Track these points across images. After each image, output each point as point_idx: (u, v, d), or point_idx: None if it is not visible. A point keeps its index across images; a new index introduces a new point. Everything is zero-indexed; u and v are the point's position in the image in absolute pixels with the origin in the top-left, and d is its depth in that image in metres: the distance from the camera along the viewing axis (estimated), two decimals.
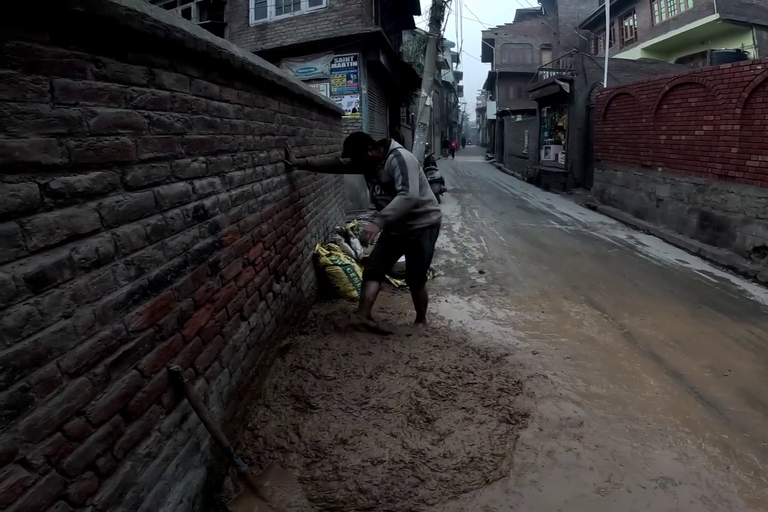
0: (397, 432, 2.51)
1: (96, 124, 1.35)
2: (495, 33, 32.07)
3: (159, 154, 1.68)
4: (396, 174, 3.41)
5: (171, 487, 1.71)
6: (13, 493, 1.04)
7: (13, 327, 1.07)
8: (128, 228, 1.49)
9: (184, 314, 1.84)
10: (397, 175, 3.40)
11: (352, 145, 3.50)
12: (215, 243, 2.16)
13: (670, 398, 2.98)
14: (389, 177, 3.47)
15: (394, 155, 3.48)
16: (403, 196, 3.35)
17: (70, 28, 1.24)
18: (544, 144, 17.21)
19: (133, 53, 1.54)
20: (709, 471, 2.33)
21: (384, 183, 3.56)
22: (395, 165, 3.43)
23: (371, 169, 3.60)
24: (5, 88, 1.06)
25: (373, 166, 3.56)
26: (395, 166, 3.43)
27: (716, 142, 6.80)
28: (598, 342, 3.79)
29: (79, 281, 1.27)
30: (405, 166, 3.42)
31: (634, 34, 20.87)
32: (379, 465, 2.27)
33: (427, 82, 9.95)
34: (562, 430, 2.63)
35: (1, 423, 1.02)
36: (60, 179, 1.21)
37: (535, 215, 10.22)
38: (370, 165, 3.56)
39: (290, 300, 3.54)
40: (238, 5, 11.58)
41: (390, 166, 3.45)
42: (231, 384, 2.33)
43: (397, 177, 3.40)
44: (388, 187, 3.51)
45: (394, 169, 3.42)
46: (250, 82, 2.64)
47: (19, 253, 1.10)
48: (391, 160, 3.46)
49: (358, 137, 3.58)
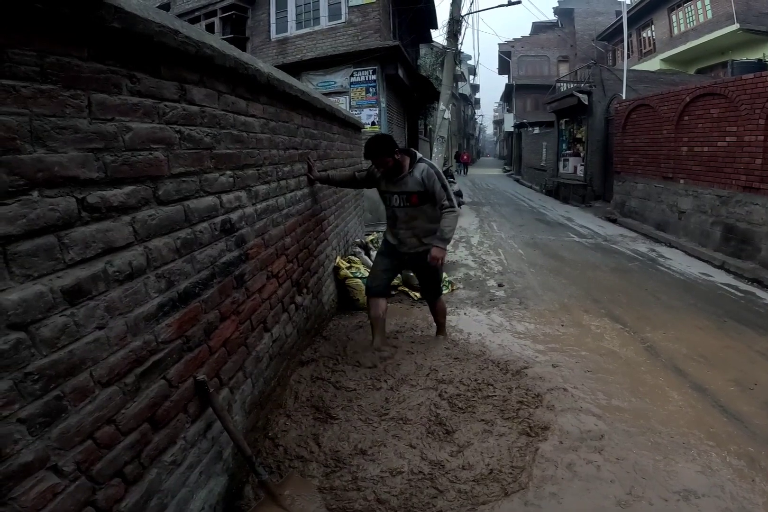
0: (416, 444, 2.51)
1: (131, 139, 1.39)
2: (512, 46, 32.18)
3: (189, 168, 1.72)
4: (437, 187, 3.28)
5: (194, 494, 1.73)
6: (43, 499, 1.06)
7: (50, 338, 1.10)
8: (159, 241, 1.53)
9: (211, 325, 1.87)
10: (438, 188, 3.28)
11: (380, 146, 3.24)
12: (241, 256, 2.20)
13: (694, 412, 2.93)
14: (421, 187, 3.31)
15: (428, 165, 3.36)
16: (454, 213, 3.31)
17: (106, 44, 1.29)
18: (563, 156, 17.14)
19: (166, 69, 1.59)
20: (734, 483, 2.28)
21: (409, 192, 3.36)
22: (433, 176, 3.29)
23: (393, 176, 3.39)
24: (46, 104, 1.10)
25: (396, 174, 3.37)
26: (433, 177, 3.29)
27: (740, 153, 6.71)
28: (620, 355, 3.73)
29: (113, 293, 1.30)
30: (444, 179, 3.34)
31: (652, 45, 20.78)
32: (398, 475, 2.28)
33: (445, 95, 10.02)
34: (582, 443, 2.60)
35: (35, 431, 1.05)
36: (96, 193, 1.25)
37: (554, 228, 10.15)
38: (393, 171, 3.36)
39: (311, 312, 3.57)
40: (260, 20, 11.85)
41: (425, 176, 3.29)
42: (254, 394, 2.36)
43: (439, 190, 3.28)
44: (416, 197, 3.36)
45: (432, 181, 3.28)
46: (274, 96, 2.69)
47: (57, 265, 1.13)
48: (427, 170, 3.31)
49: (385, 138, 3.37)
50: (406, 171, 3.36)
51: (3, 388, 0.98)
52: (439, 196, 3.30)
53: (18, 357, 1.02)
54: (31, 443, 1.04)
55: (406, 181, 3.36)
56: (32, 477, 1.04)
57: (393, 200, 3.46)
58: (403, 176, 3.37)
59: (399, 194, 3.41)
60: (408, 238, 3.50)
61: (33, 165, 1.06)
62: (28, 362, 1.04)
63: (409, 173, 3.34)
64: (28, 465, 1.03)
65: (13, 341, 1.00)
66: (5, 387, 0.98)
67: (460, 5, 10.08)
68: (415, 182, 3.32)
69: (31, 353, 1.05)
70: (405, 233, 3.49)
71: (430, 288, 3.81)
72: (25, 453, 1.02)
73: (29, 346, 1.05)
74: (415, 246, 3.50)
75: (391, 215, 3.55)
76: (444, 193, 3.29)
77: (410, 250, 3.52)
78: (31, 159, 1.05)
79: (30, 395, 1.04)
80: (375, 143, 3.25)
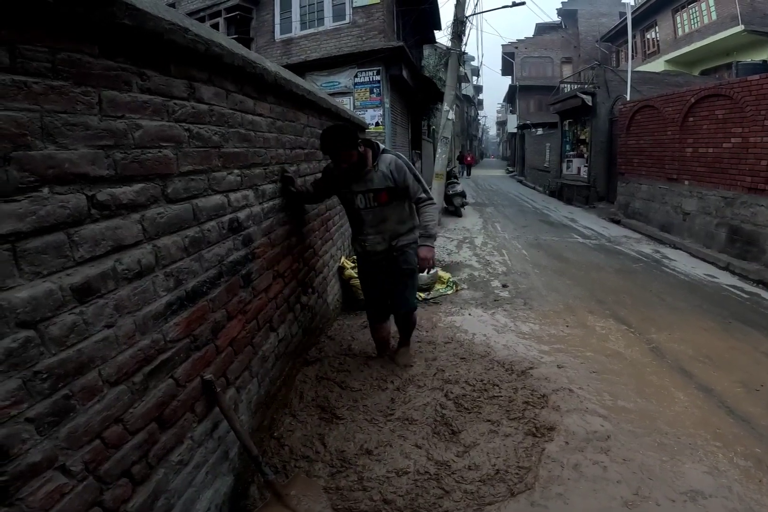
0: (422, 444, 2.51)
1: (140, 137, 1.39)
2: (515, 47, 32.17)
3: (197, 166, 1.72)
4: (409, 179, 2.90)
5: (200, 494, 1.73)
6: (51, 500, 1.06)
7: (59, 336, 1.09)
8: (168, 240, 1.52)
9: (218, 325, 1.87)
10: (411, 180, 2.91)
11: (341, 136, 2.73)
12: (248, 255, 2.19)
13: (700, 413, 2.92)
14: (390, 182, 2.89)
15: (394, 156, 2.95)
16: (433, 205, 2.99)
17: (117, 41, 1.28)
18: (566, 157, 17.12)
19: (176, 67, 1.59)
20: (741, 484, 2.27)
21: (376, 190, 2.91)
22: (403, 168, 2.90)
23: (355, 173, 2.89)
24: (57, 100, 1.09)
25: (358, 170, 2.88)
26: (403, 169, 2.90)
27: (745, 154, 6.68)
28: (625, 356, 3.71)
29: (122, 292, 1.30)
30: (414, 169, 2.97)
31: (656, 46, 20.76)
32: (404, 476, 2.28)
33: (449, 95, 10.00)
34: (588, 444, 2.59)
35: (43, 430, 1.05)
36: (106, 191, 1.25)
37: (558, 229, 10.13)
38: (356, 167, 2.85)
39: (316, 311, 3.56)
40: (264, 21, 11.86)
41: (393, 169, 2.88)
42: (260, 394, 2.35)
43: (412, 183, 2.92)
44: (385, 194, 2.92)
45: (402, 173, 2.89)
46: (281, 96, 2.69)
47: (66, 263, 1.13)
48: (395, 162, 2.91)
49: (346, 127, 2.84)
50: (370, 165, 2.91)
51: (11, 387, 0.97)
52: (413, 189, 2.96)
53: (27, 356, 1.01)
54: (39, 443, 1.03)
55: (371, 177, 2.91)
56: (40, 477, 1.03)
57: (357, 201, 2.98)
58: (367, 172, 2.90)
59: (364, 193, 2.94)
60: (377, 244, 3.04)
61: (43, 161, 1.05)
62: (37, 360, 1.04)
63: (374, 167, 2.90)
64: (36, 465, 1.02)
65: (22, 339, 1.00)
66: (14, 386, 0.98)
67: (464, 6, 10.06)
68: (383, 177, 2.90)
69: (39, 351, 1.04)
70: (374, 238, 3.02)
71: (401, 297, 3.20)
72: (33, 452, 1.01)
73: (38, 345, 1.04)
74: (384, 250, 3.05)
75: (356, 219, 3.06)
76: (418, 185, 2.96)
77: (379, 255, 3.08)
78: (41, 155, 1.05)
79: (38, 394, 1.04)
80: (335, 133, 2.74)
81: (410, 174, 2.91)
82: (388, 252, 3.04)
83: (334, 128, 2.79)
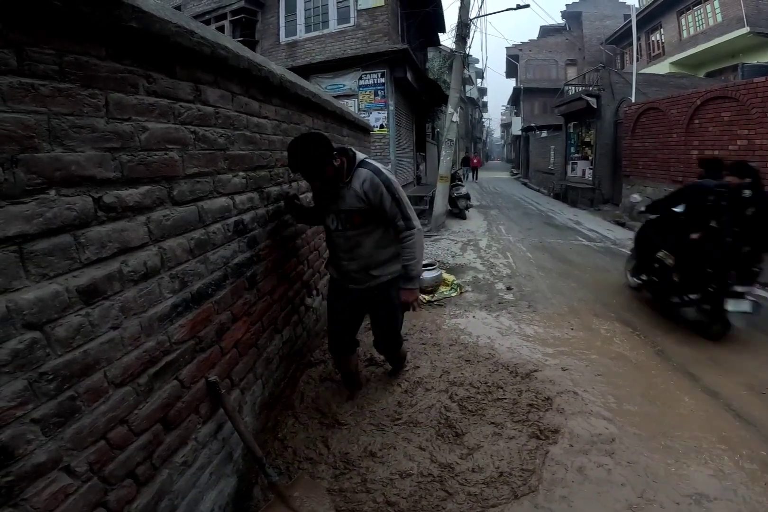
0: (426, 446, 2.50)
1: (146, 139, 1.39)
2: (519, 49, 32.17)
3: (203, 169, 1.72)
4: (386, 202, 2.32)
5: (204, 495, 1.73)
6: (55, 500, 1.06)
7: (65, 338, 1.10)
8: (174, 242, 1.53)
9: (223, 326, 1.87)
10: (388, 203, 2.33)
11: (312, 151, 2.15)
12: (253, 257, 2.20)
13: (706, 415, 2.90)
14: (363, 203, 2.34)
15: (371, 171, 2.34)
16: (412, 237, 2.41)
17: (124, 43, 1.29)
18: (571, 159, 17.08)
19: (182, 69, 1.60)
20: (747, 487, 2.26)
21: (348, 211, 2.38)
22: (379, 187, 2.31)
23: (328, 189, 2.37)
24: (64, 102, 1.10)
25: (331, 185, 2.34)
26: (380, 188, 2.31)
27: (751, 156, 6.65)
28: (630, 359, 3.69)
29: (128, 293, 1.30)
30: (396, 188, 2.37)
31: (661, 48, 20.70)
32: (407, 478, 2.27)
33: (453, 98, 10.00)
34: (593, 446, 2.58)
35: (48, 431, 1.05)
36: (113, 193, 1.25)
37: (563, 231, 10.09)
38: (332, 183, 2.33)
39: (321, 313, 3.57)
40: (269, 23, 11.90)
41: (367, 189, 2.31)
42: (264, 395, 2.36)
43: (390, 206, 2.34)
44: (358, 216, 2.39)
45: (378, 194, 2.31)
46: (286, 98, 2.70)
47: (73, 265, 1.13)
48: (370, 179, 2.31)
49: (317, 137, 2.23)
50: (343, 180, 2.36)
51: (17, 388, 0.98)
52: (391, 213, 2.36)
53: (33, 357, 1.02)
54: (44, 443, 1.04)
55: (344, 195, 2.37)
56: (45, 477, 1.04)
57: (329, 222, 2.49)
58: (340, 188, 2.36)
59: (336, 214, 2.44)
60: (353, 272, 2.55)
61: (51, 164, 1.06)
62: (43, 362, 1.04)
63: (346, 184, 2.35)
64: (40, 466, 1.03)
65: (28, 340, 1.01)
66: (20, 386, 0.98)
67: (468, 9, 10.07)
68: (355, 197, 2.35)
69: (46, 353, 1.05)
70: (349, 265, 2.54)
71: (386, 338, 2.84)
72: (38, 453, 1.02)
73: (44, 346, 1.05)
74: (363, 280, 2.57)
75: (330, 242, 2.60)
76: (397, 210, 2.35)
77: (359, 285, 2.59)
78: (48, 157, 1.05)
79: (44, 395, 1.04)
80: (305, 147, 2.16)
81: (388, 195, 2.32)
82: (364, 283, 2.57)
83: (303, 140, 2.20)
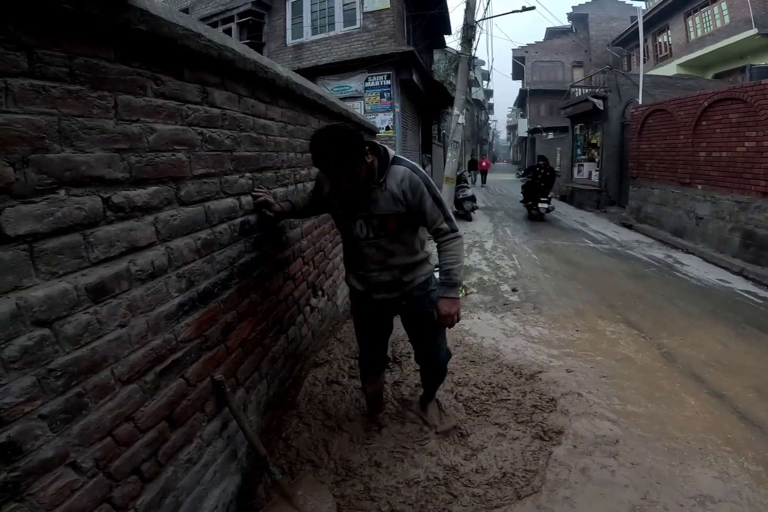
0: (436, 451, 2.50)
1: (155, 141, 1.41)
2: (525, 51, 32.12)
3: (210, 170, 1.74)
4: (426, 202, 2.06)
5: (208, 493, 1.74)
6: (61, 495, 1.08)
7: (73, 335, 1.12)
8: (181, 241, 1.55)
9: (229, 326, 1.89)
10: (429, 204, 2.06)
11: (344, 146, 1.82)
12: (259, 257, 2.22)
13: (712, 417, 2.89)
14: (401, 205, 2.06)
15: (409, 169, 2.06)
16: (459, 239, 2.17)
17: (132, 46, 1.31)
18: (577, 161, 17.02)
19: (189, 72, 1.61)
20: (752, 489, 2.26)
21: (383, 216, 2.08)
22: (419, 185, 2.04)
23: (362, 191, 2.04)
24: (74, 104, 1.12)
25: (364, 187, 2.02)
26: (420, 187, 2.04)
27: (759, 158, 6.61)
28: (635, 361, 3.69)
29: (135, 292, 1.32)
30: (434, 187, 2.11)
31: (668, 50, 20.62)
32: (414, 485, 2.25)
33: (459, 100, 10.00)
34: (596, 448, 2.58)
35: (55, 427, 1.07)
36: (121, 193, 1.27)
37: (569, 233, 10.07)
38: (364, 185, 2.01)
39: (326, 314, 3.58)
40: (276, 26, 11.97)
41: (407, 187, 2.03)
42: (269, 394, 2.37)
43: (431, 207, 2.07)
44: (394, 222, 2.10)
45: (419, 193, 2.04)
46: (292, 100, 2.71)
47: (82, 263, 1.15)
48: (409, 177, 2.04)
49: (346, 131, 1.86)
50: (376, 180, 2.05)
51: (26, 384, 0.99)
52: (432, 216, 2.10)
53: (42, 354, 1.03)
54: (51, 439, 1.05)
55: (376, 197, 2.05)
56: (51, 473, 1.05)
57: (356, 229, 2.15)
58: (371, 189, 2.05)
59: (366, 219, 2.11)
60: (383, 283, 2.25)
61: (61, 164, 1.08)
62: (52, 358, 1.06)
63: (381, 184, 2.04)
64: (47, 461, 1.04)
65: (37, 337, 1.02)
66: (28, 383, 1.00)
67: (474, 11, 10.07)
68: (391, 199, 2.05)
69: (54, 350, 1.06)
70: (380, 276, 2.23)
71: (433, 350, 2.50)
72: (45, 449, 1.04)
73: (53, 343, 1.06)
74: (394, 289, 2.27)
75: (354, 251, 2.25)
76: (439, 211, 2.10)
77: (389, 294, 2.28)
78: (59, 158, 1.07)
79: (52, 391, 1.06)
80: (335, 141, 1.82)
81: (429, 195, 2.06)
82: (395, 292, 2.28)
83: (330, 133, 1.86)
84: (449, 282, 2.17)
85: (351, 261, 2.33)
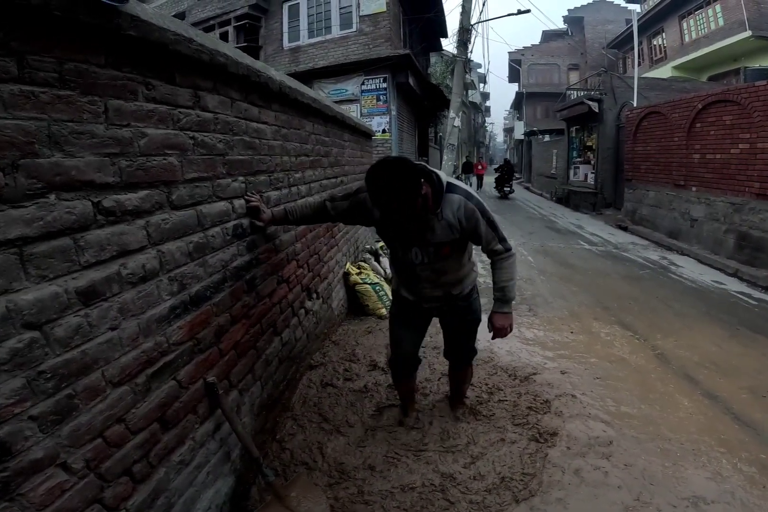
0: (432, 460, 2.48)
1: (146, 145, 1.42)
2: (521, 54, 32.25)
3: (202, 174, 1.75)
4: (481, 227, 2.12)
5: (201, 494, 1.75)
6: (51, 496, 1.08)
7: (63, 338, 1.13)
8: (172, 245, 1.56)
9: (222, 328, 1.90)
10: (484, 228, 2.13)
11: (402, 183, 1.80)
12: (252, 261, 2.22)
13: (705, 419, 2.90)
14: (457, 233, 2.12)
15: (461, 196, 2.09)
16: (513, 257, 2.27)
17: (123, 51, 1.32)
18: (573, 164, 17.09)
19: (181, 76, 1.63)
20: (745, 490, 2.26)
21: (439, 244, 2.16)
22: (474, 213, 2.08)
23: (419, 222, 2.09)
24: (64, 109, 1.13)
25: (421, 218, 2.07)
26: (475, 215, 2.08)
27: (753, 160, 6.65)
28: (630, 363, 3.70)
29: (126, 295, 1.33)
30: (488, 209, 2.15)
31: (663, 52, 20.72)
32: (408, 491, 2.24)
33: (455, 103, 10.06)
34: (590, 449, 2.59)
35: (46, 428, 1.08)
36: (112, 197, 1.28)
37: (564, 235, 10.10)
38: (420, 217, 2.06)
39: (321, 316, 3.59)
40: (273, 29, 12.02)
41: (463, 216, 2.08)
42: (262, 397, 2.37)
43: (486, 232, 2.14)
44: (449, 248, 2.20)
45: (475, 220, 2.09)
46: (286, 104, 2.73)
47: (72, 267, 1.16)
48: (464, 205, 2.07)
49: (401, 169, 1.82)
50: (432, 210, 2.07)
51: (16, 386, 1.00)
52: (487, 237, 2.18)
53: (32, 356, 1.04)
54: (41, 440, 1.06)
55: (433, 226, 2.10)
56: (41, 473, 1.06)
57: (412, 256, 2.24)
58: (428, 220, 2.09)
59: (422, 247, 2.20)
60: (434, 297, 2.43)
61: (51, 169, 1.09)
62: (42, 361, 1.07)
63: (437, 214, 2.07)
64: (37, 462, 1.05)
65: (27, 340, 1.03)
66: (18, 384, 1.01)
67: (470, 14, 10.15)
68: (448, 227, 2.10)
69: (44, 352, 1.07)
70: (433, 291, 2.39)
71: (463, 348, 2.69)
72: (35, 449, 1.04)
73: (43, 345, 1.07)
74: (444, 299, 2.44)
75: (408, 273, 2.36)
76: (493, 234, 2.18)
77: (437, 303, 2.46)
78: (48, 163, 1.09)
79: (42, 393, 1.07)
80: (392, 182, 1.80)
81: (483, 220, 2.11)
82: (443, 301, 2.45)
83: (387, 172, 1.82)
84: (504, 298, 2.34)
85: (404, 280, 2.45)
